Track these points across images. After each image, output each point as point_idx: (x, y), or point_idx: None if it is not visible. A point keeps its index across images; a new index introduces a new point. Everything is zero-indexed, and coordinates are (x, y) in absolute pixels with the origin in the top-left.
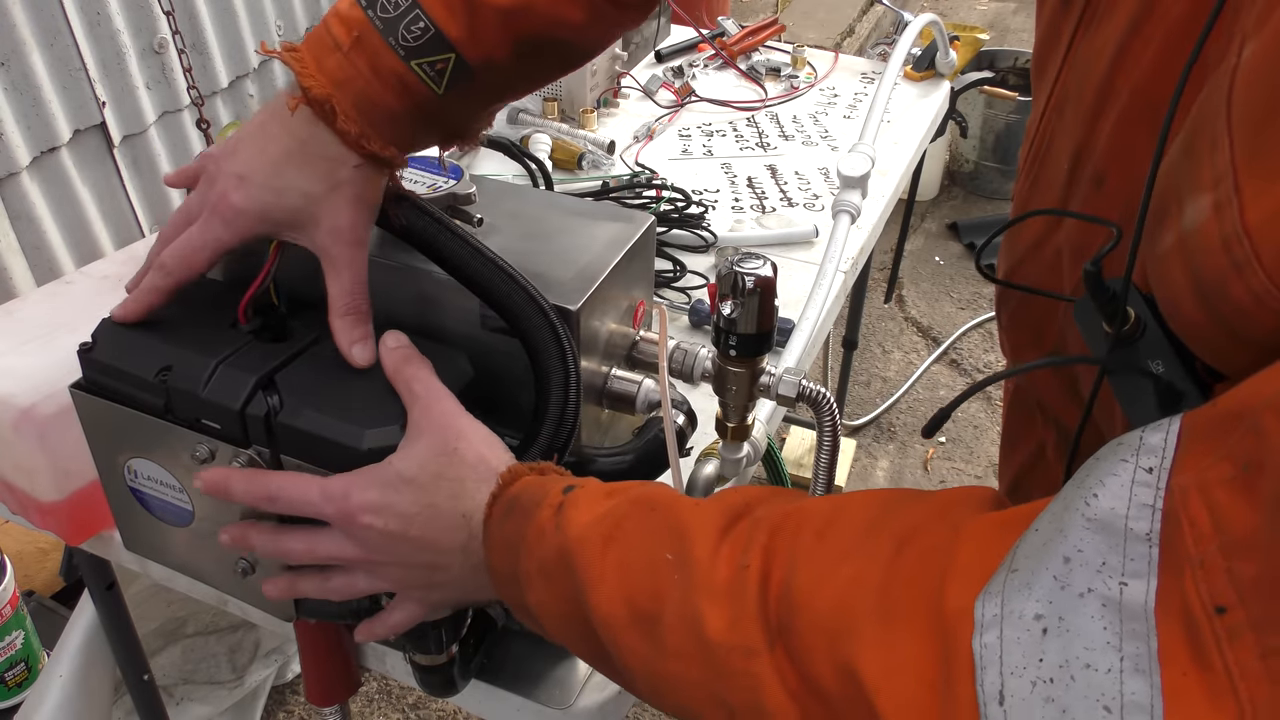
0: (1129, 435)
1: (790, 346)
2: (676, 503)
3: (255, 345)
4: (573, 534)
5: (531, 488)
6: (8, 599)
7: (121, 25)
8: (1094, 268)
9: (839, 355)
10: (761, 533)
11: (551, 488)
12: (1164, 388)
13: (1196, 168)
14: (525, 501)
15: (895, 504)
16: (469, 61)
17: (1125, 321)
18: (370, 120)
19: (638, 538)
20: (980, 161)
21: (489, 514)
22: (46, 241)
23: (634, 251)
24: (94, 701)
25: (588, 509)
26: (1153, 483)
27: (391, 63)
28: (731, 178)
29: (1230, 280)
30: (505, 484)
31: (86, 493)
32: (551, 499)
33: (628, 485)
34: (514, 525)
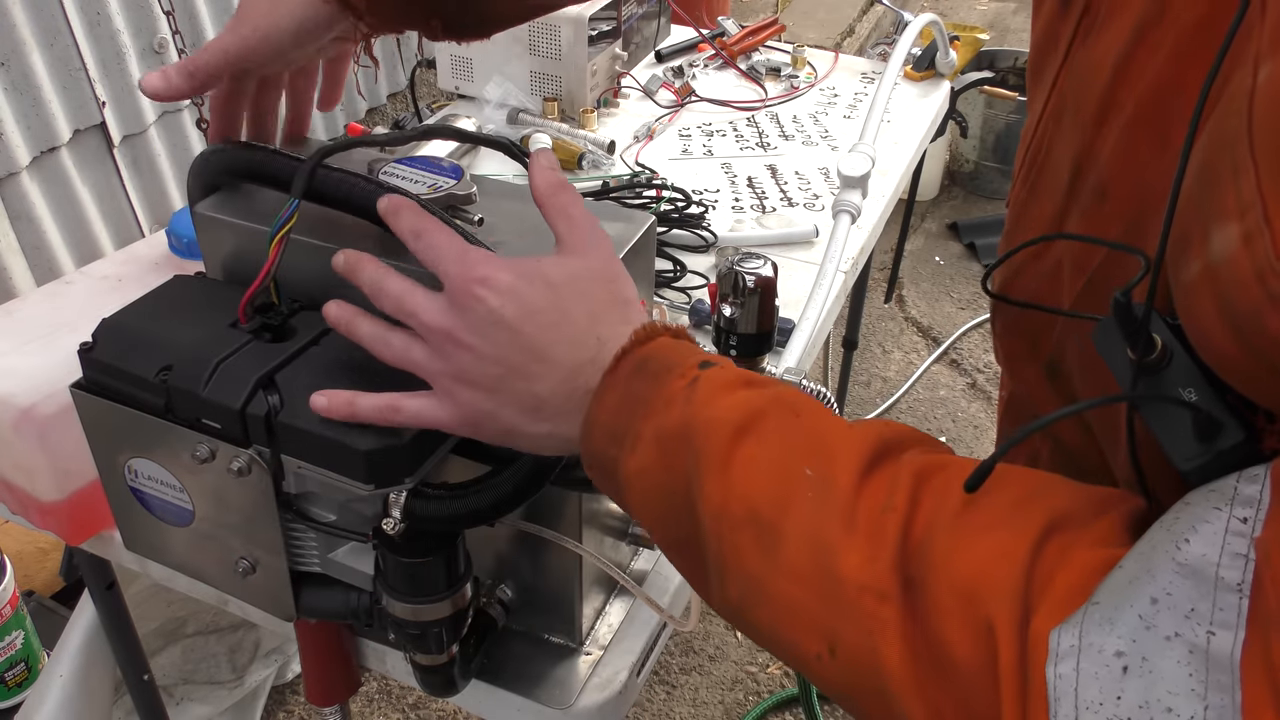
0: (1222, 483)
1: (790, 346)
2: (823, 417)
3: (255, 345)
4: (705, 412)
5: (666, 350)
6: (8, 599)
7: (121, 25)
8: (1124, 298)
9: (839, 355)
10: (908, 477)
11: (688, 357)
12: (1202, 418)
13: (1219, 194)
14: (657, 364)
15: (1049, 485)
16: None
17: (1151, 349)
18: None
19: (776, 438)
20: (980, 161)
21: (617, 362)
22: (46, 241)
23: (634, 251)
24: (94, 701)
25: (725, 391)
26: (1247, 533)
27: None
28: (731, 178)
29: (1266, 313)
30: (639, 339)
31: (86, 493)
32: (686, 369)
33: (768, 380)
34: (641, 384)
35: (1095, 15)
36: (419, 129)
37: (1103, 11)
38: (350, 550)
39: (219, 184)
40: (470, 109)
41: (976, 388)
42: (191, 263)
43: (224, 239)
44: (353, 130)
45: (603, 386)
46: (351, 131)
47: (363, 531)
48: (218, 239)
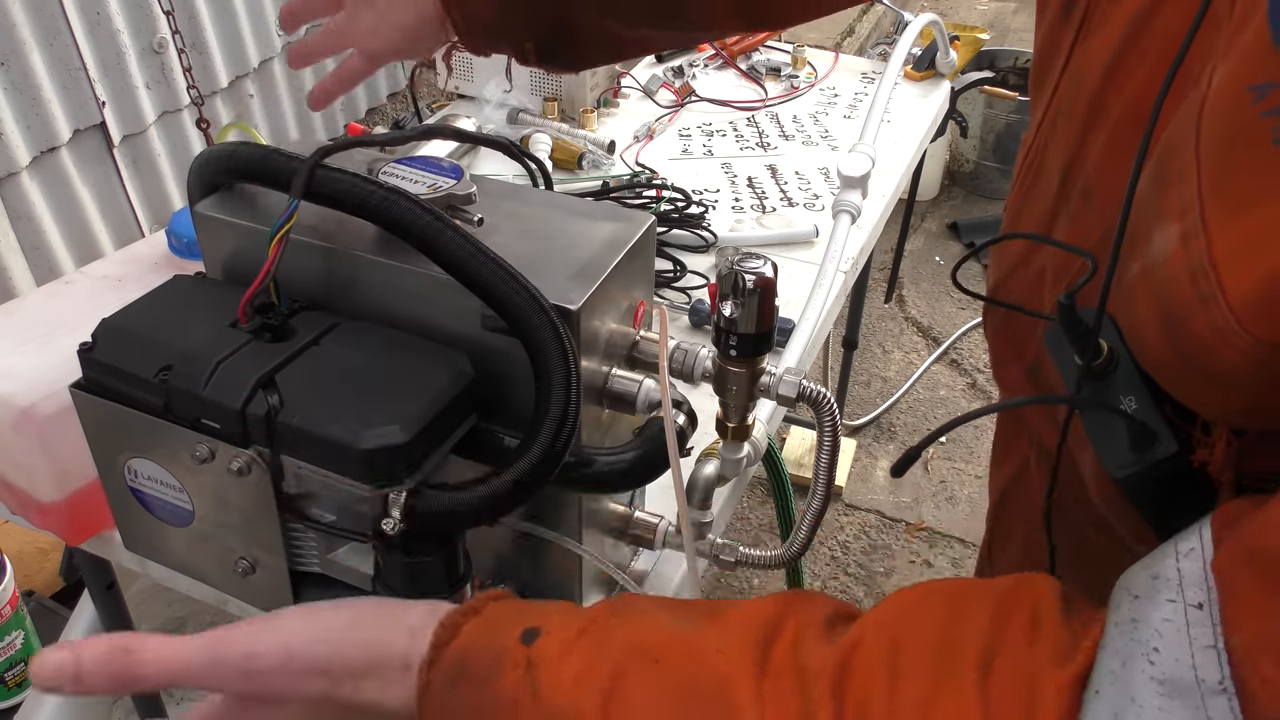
0: (1163, 565)
1: (790, 346)
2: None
3: (255, 345)
4: (560, 702)
5: (479, 643)
6: (8, 599)
7: (121, 25)
8: (1068, 300)
9: (839, 355)
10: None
11: (507, 637)
12: (1136, 428)
13: (1165, 196)
14: (477, 662)
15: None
16: None
17: (1097, 355)
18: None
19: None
20: (980, 161)
21: (426, 683)
22: (46, 241)
23: (634, 251)
24: (94, 701)
25: (565, 663)
26: (1207, 620)
27: None
28: (731, 178)
29: (1195, 313)
30: (441, 642)
31: (86, 493)
32: (514, 655)
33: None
34: (469, 693)
35: (1093, 21)
36: (419, 129)
37: (1097, 17)
38: (350, 550)
39: (219, 184)
40: (470, 109)
41: (976, 388)
42: (191, 263)
43: (224, 239)
44: (353, 130)
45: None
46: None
47: (363, 531)
48: (218, 239)
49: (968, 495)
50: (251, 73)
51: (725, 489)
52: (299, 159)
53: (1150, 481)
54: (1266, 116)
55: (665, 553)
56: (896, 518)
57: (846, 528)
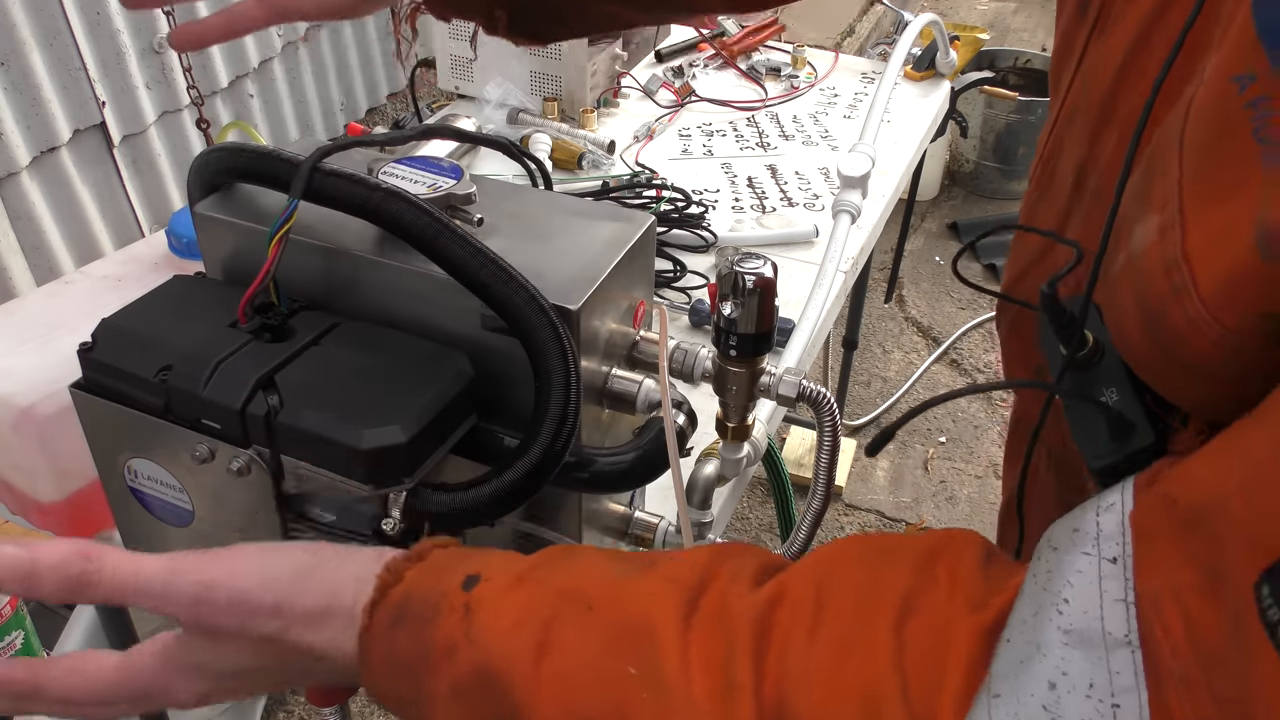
0: (1084, 519)
1: (790, 346)
2: (617, 592)
3: (255, 345)
4: (494, 646)
5: (421, 586)
6: (8, 599)
7: (121, 25)
8: (1049, 289)
9: (839, 355)
10: (743, 634)
11: (448, 583)
12: (1114, 418)
13: (1150, 190)
14: (418, 604)
15: (878, 564)
16: None
17: (1082, 345)
18: None
19: (581, 645)
20: (980, 161)
21: (368, 624)
22: (46, 241)
23: (634, 251)
24: None
25: (502, 609)
26: (1119, 574)
27: None
28: (731, 178)
29: (1170, 304)
30: (385, 585)
31: (86, 493)
32: (452, 599)
33: (540, 568)
34: (408, 635)
35: (1108, 18)
36: (419, 129)
37: (1113, 14)
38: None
39: (219, 184)
40: (470, 109)
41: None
42: (191, 263)
43: (224, 239)
44: (352, 130)
45: (368, 667)
46: (351, 131)
47: (363, 531)
48: (217, 239)
49: (967, 495)
50: (251, 73)
51: (725, 489)
52: (299, 159)
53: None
54: (1248, 108)
55: None
56: (896, 518)
57: (846, 528)
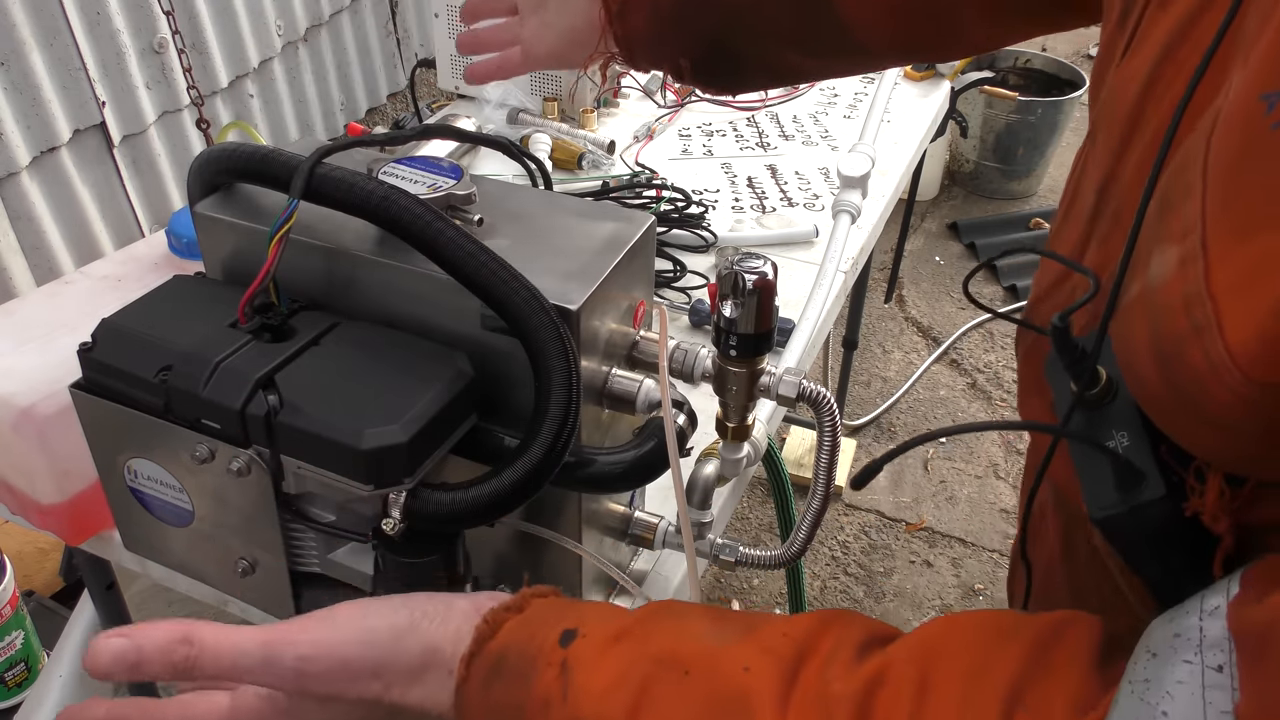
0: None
1: (790, 346)
2: (714, 661)
3: (255, 345)
4: (589, 709)
5: (519, 640)
6: (8, 599)
7: (121, 25)
8: (1061, 322)
9: (839, 355)
10: (843, 714)
11: (545, 637)
12: (1123, 465)
13: (1170, 215)
14: (515, 659)
15: (990, 648)
16: None
17: (1093, 384)
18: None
19: (674, 714)
20: (980, 161)
21: (465, 675)
22: (46, 241)
23: (634, 251)
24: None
25: (599, 668)
26: (1226, 684)
27: None
28: (731, 178)
29: (1189, 344)
30: (483, 637)
31: (86, 493)
32: (550, 655)
33: (639, 626)
34: (505, 690)
35: (1140, 30)
36: (419, 129)
37: (1143, 27)
38: (350, 550)
39: (219, 184)
40: (470, 109)
41: (976, 388)
42: (191, 263)
43: (224, 239)
44: (352, 130)
45: (461, 705)
46: (351, 131)
47: (363, 531)
48: (217, 239)
49: (967, 495)
50: (251, 73)
51: (725, 489)
52: (299, 159)
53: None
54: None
55: (665, 553)
56: (896, 518)
57: (846, 528)
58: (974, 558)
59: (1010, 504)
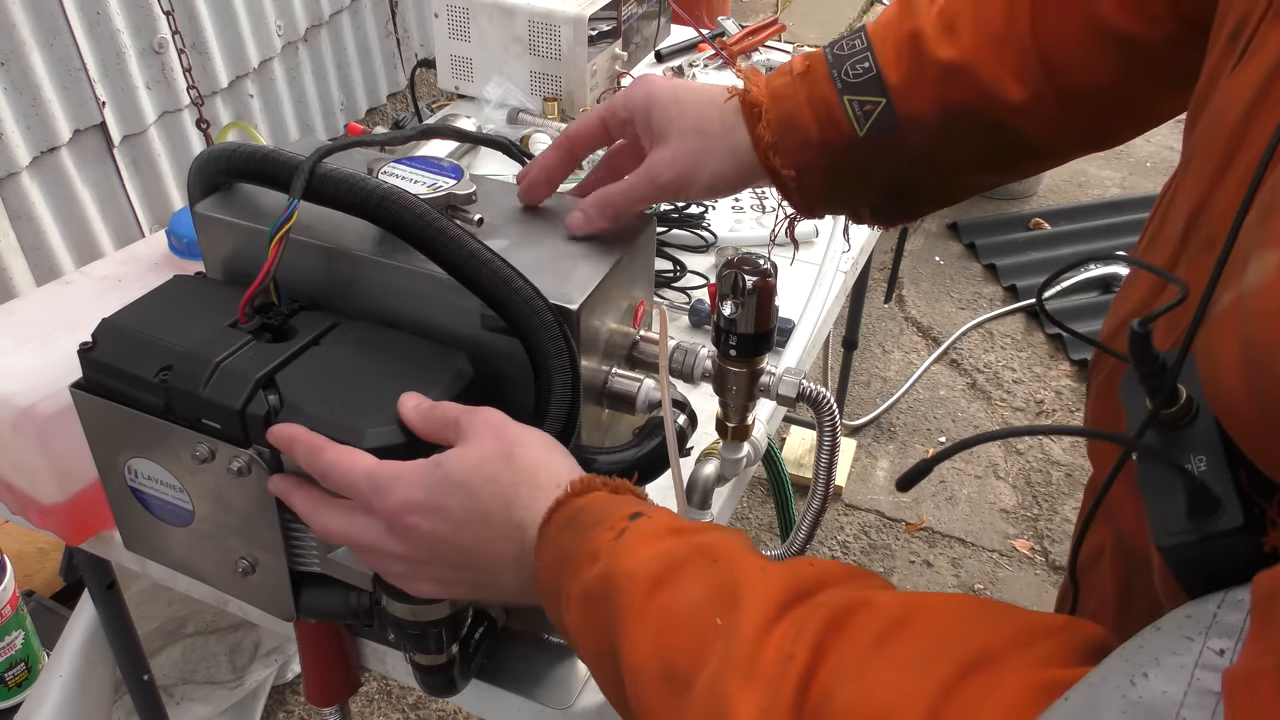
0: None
1: (790, 346)
2: (741, 560)
3: (255, 345)
4: (624, 566)
5: (598, 504)
6: (8, 599)
7: (121, 25)
8: (1142, 329)
9: (839, 355)
10: (816, 620)
11: (619, 509)
12: (1197, 489)
13: (1271, 221)
14: (587, 517)
15: (974, 618)
16: (897, 110)
17: (1172, 400)
18: (786, 139)
19: (690, 589)
20: None
21: (547, 519)
22: (46, 241)
23: (634, 251)
24: (94, 701)
25: (648, 542)
26: (1222, 666)
27: (826, 91)
28: None
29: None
30: (574, 493)
31: (86, 493)
32: (615, 521)
33: (698, 526)
34: (569, 539)
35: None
36: (419, 129)
37: (1253, 44)
38: (350, 550)
39: (219, 184)
40: (470, 109)
41: (976, 388)
42: (191, 263)
43: (224, 239)
44: (352, 130)
45: (538, 554)
46: (351, 131)
47: None
48: (217, 239)
49: (967, 495)
50: (251, 73)
51: (725, 489)
52: (299, 159)
53: (1202, 557)
54: None
55: None
56: (896, 517)
57: (846, 527)
58: (974, 558)
59: (1010, 504)
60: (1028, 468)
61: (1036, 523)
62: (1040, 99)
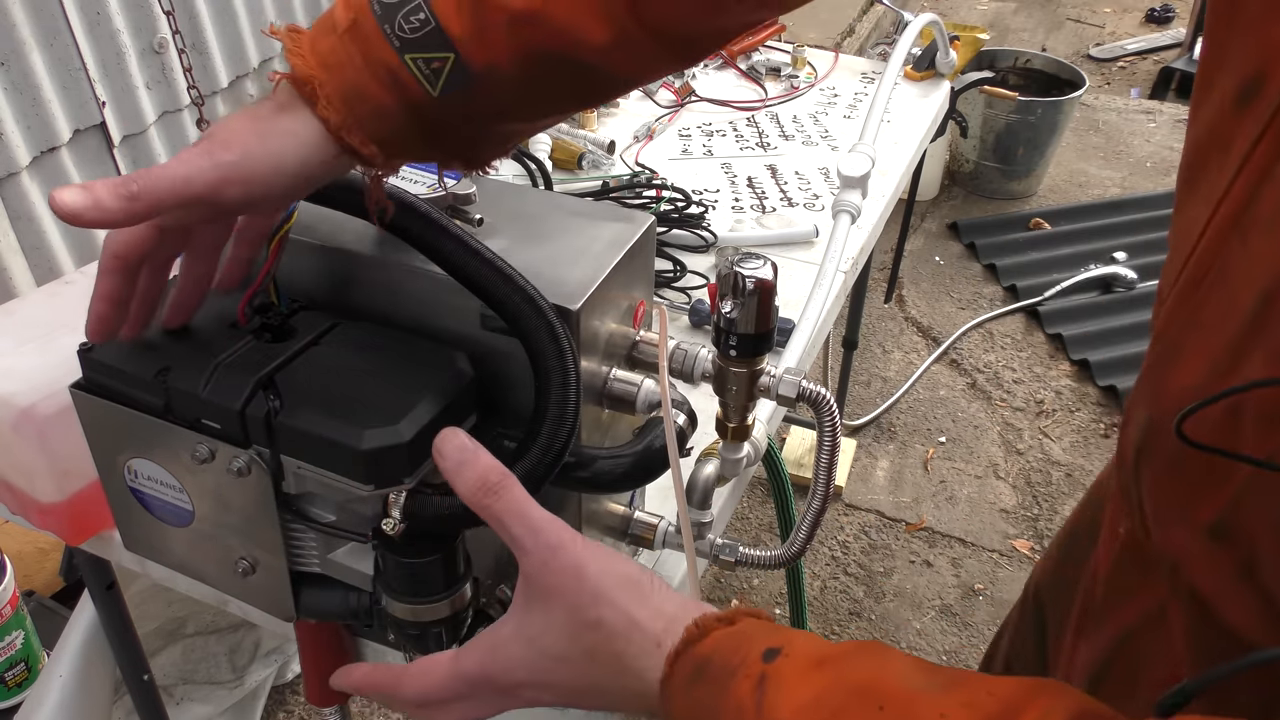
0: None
1: (790, 346)
2: (912, 703)
3: (255, 345)
4: None
5: (724, 649)
6: (8, 599)
7: (121, 25)
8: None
9: (839, 355)
10: None
11: (749, 651)
12: None
13: None
14: (718, 667)
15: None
16: (469, 65)
17: None
18: (356, 112)
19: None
20: (980, 161)
21: (669, 673)
22: (46, 241)
23: (634, 251)
24: (94, 701)
25: (796, 688)
26: None
27: (384, 53)
28: (731, 178)
29: None
30: (691, 639)
31: (86, 493)
32: (750, 667)
33: (844, 656)
34: (705, 693)
35: None
36: None
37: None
38: (350, 550)
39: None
40: None
41: (976, 387)
42: None
43: None
44: None
45: (669, 701)
46: None
47: (363, 531)
48: None
49: (967, 495)
50: (251, 73)
51: (725, 489)
52: None
53: None
54: None
55: (665, 553)
56: (896, 518)
57: (846, 528)
58: (974, 558)
59: (1010, 504)
60: (1028, 468)
61: (1036, 523)
62: (628, 36)
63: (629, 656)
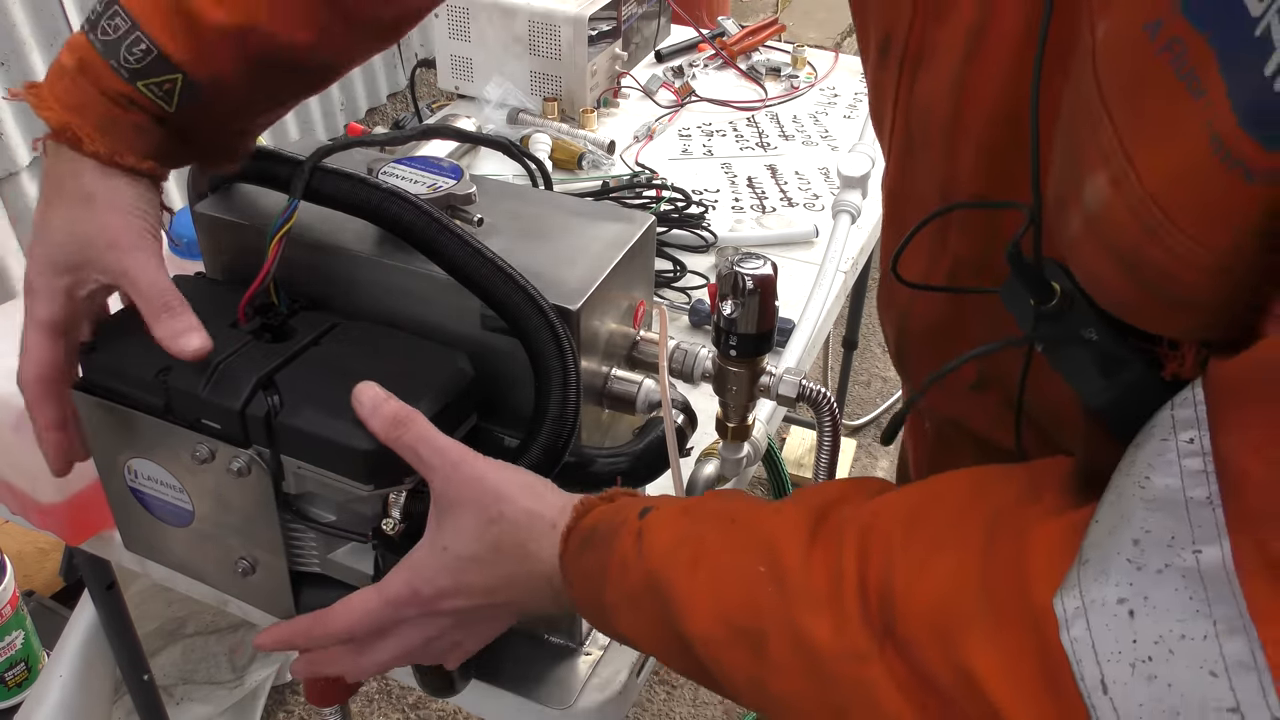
0: (1159, 415)
1: (790, 346)
2: (756, 512)
3: (255, 345)
4: (657, 560)
5: (607, 516)
6: (8, 599)
7: None
8: (1014, 249)
9: (839, 355)
10: (851, 533)
11: (627, 514)
12: (1103, 354)
13: (1084, 152)
14: (602, 531)
15: (982, 485)
16: (197, 80)
17: (1051, 295)
18: (117, 137)
19: (724, 554)
20: None
21: (564, 548)
22: None
23: (634, 251)
24: (94, 701)
25: (667, 530)
26: (1198, 450)
27: (117, 85)
28: (731, 178)
29: (1146, 246)
30: (578, 516)
31: (86, 493)
32: (629, 526)
33: (703, 500)
34: (593, 557)
35: (917, 57)
36: (419, 129)
37: (924, 50)
38: (350, 550)
39: (219, 184)
40: (470, 109)
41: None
42: (191, 263)
43: (224, 239)
44: (352, 130)
45: (568, 582)
46: (351, 131)
47: (362, 531)
48: (218, 239)
49: None
50: None
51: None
52: (299, 159)
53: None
54: (1162, 53)
55: None
56: None
57: None
58: None
59: None
60: None
61: None
62: (330, 33)
63: (531, 542)
